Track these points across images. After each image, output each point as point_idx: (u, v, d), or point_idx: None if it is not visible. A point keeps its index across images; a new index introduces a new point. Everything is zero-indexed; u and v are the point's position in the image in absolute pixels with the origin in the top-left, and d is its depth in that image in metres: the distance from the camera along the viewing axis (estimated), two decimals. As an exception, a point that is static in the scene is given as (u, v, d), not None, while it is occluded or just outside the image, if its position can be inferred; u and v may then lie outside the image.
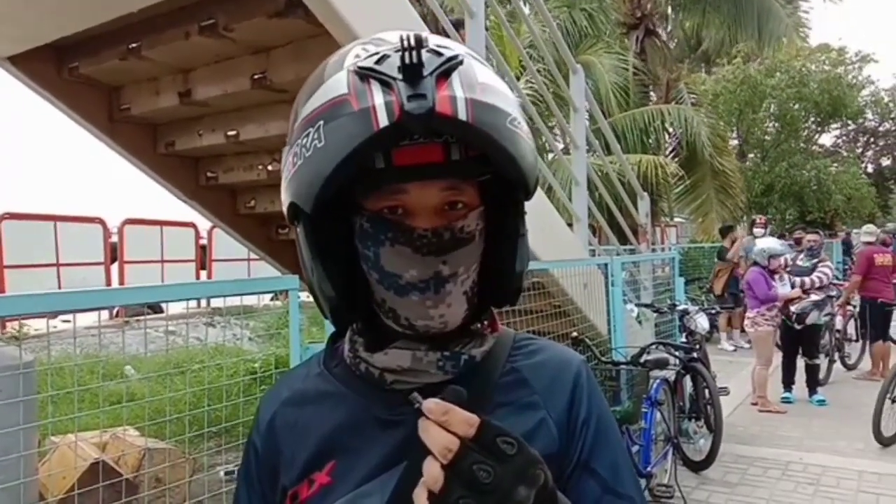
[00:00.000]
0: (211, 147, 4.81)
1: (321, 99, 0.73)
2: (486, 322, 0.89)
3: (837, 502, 4.81)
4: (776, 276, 7.11)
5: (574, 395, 0.87)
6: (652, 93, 17.55)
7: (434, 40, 0.75)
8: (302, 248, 0.81)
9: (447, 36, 2.35)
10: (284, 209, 0.80)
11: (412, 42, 0.68)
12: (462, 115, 0.69)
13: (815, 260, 8.10)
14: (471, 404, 0.62)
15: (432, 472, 0.59)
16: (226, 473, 2.18)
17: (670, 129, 16.48)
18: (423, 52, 0.70)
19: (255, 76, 3.91)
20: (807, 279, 7.63)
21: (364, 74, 0.71)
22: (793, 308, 7.35)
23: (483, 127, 0.71)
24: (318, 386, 0.89)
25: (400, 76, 0.69)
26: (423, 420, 0.61)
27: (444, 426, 0.60)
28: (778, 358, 7.60)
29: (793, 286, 7.40)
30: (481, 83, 0.73)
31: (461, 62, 0.73)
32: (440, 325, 0.79)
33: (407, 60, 0.68)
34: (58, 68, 4.39)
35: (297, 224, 0.81)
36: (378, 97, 0.69)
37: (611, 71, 14.50)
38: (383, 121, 0.68)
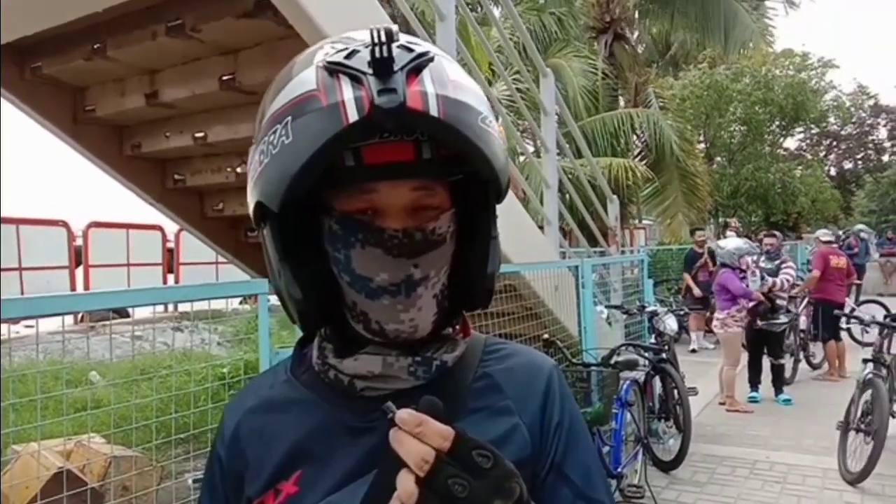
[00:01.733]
0: (178, 149, 4.75)
1: (289, 95, 0.71)
2: (457, 326, 0.88)
3: (803, 499, 4.89)
4: (747, 273, 7.21)
5: (546, 400, 0.86)
6: (621, 97, 17.74)
7: (404, 37, 0.74)
8: (269, 251, 0.80)
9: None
10: (251, 210, 0.78)
11: (382, 36, 0.67)
12: (433, 112, 0.68)
13: (777, 261, 8.26)
14: (444, 411, 0.61)
15: (406, 487, 0.58)
16: (194, 481, 2.14)
17: (639, 133, 16.66)
18: (394, 47, 0.69)
19: (224, 78, 3.87)
20: (777, 280, 7.77)
21: (333, 69, 0.69)
22: (760, 323, 7.46)
23: (455, 124, 0.70)
24: (285, 393, 0.87)
25: (370, 70, 0.68)
26: (395, 431, 0.60)
27: (418, 437, 0.59)
28: (745, 358, 7.71)
29: (762, 280, 7.51)
30: (452, 80, 0.72)
31: (432, 59, 0.72)
32: (410, 330, 0.78)
33: (377, 54, 0.67)
34: (20, 68, 4.29)
35: (263, 226, 0.79)
36: (347, 92, 0.68)
37: (580, 75, 14.65)
38: (353, 116, 0.66)
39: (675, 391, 5.56)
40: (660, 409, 5.67)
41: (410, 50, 0.71)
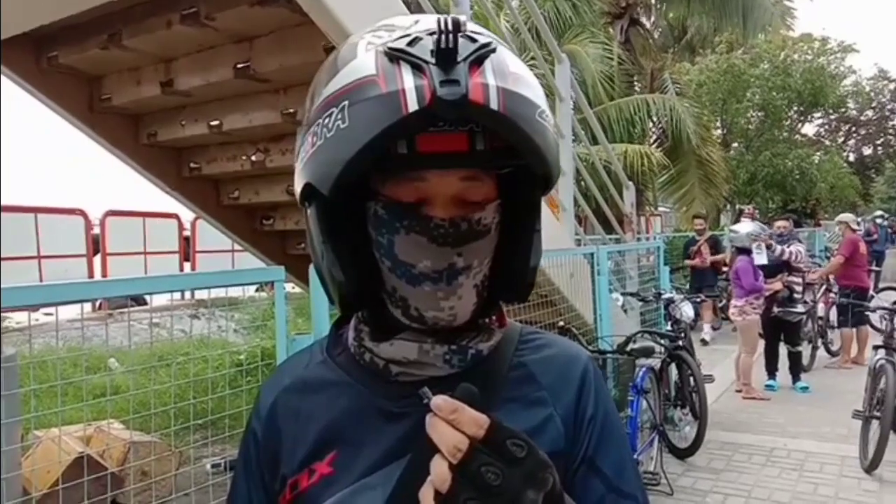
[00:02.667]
0: (194, 137, 4.77)
1: (347, 79, 0.70)
2: (493, 316, 0.87)
3: (821, 487, 4.87)
4: (755, 245, 7.17)
5: (581, 392, 0.86)
6: (636, 83, 17.60)
7: (470, 26, 0.72)
8: (312, 231, 0.79)
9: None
10: (297, 190, 0.78)
11: (449, 26, 0.66)
12: (493, 105, 0.67)
13: (792, 244, 8.20)
14: (480, 399, 0.61)
15: (440, 472, 0.58)
16: (212, 466, 2.16)
17: (655, 119, 16.54)
18: (459, 37, 0.67)
19: (239, 66, 3.88)
20: (791, 249, 7.74)
21: (394, 56, 0.68)
22: (776, 310, 7.41)
23: (513, 117, 0.69)
24: (321, 374, 0.87)
25: (433, 60, 0.67)
26: (431, 416, 0.60)
27: (452, 424, 0.59)
28: (761, 346, 7.67)
29: (770, 251, 7.47)
30: (513, 73, 0.71)
31: (494, 50, 0.71)
32: (449, 318, 0.77)
33: (443, 44, 0.66)
34: (36, 58, 4.32)
35: (307, 206, 0.79)
36: (409, 80, 0.66)
37: (596, 60, 14.51)
38: (413, 105, 0.65)
39: (692, 378, 5.54)
40: (676, 396, 5.66)
41: (474, 40, 0.70)
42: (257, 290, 13.30)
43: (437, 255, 0.75)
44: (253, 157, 4.76)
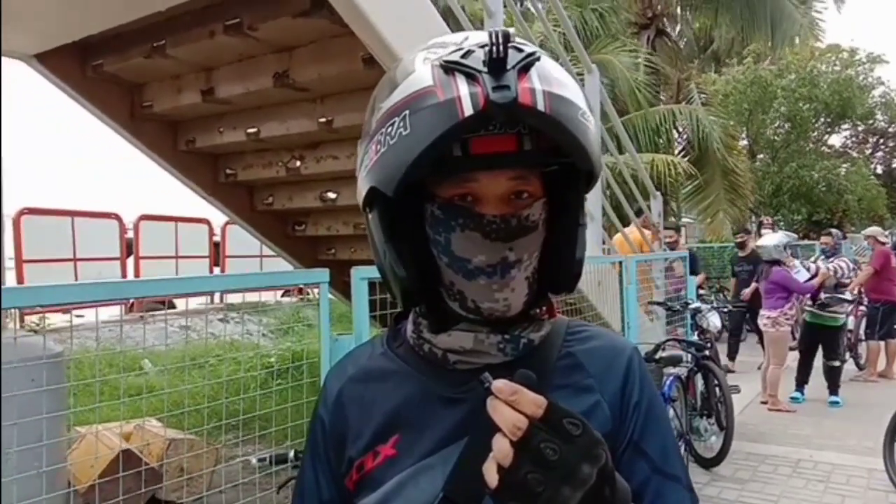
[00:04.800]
0: (231, 144, 4.89)
1: (406, 91, 0.77)
2: (543, 308, 0.94)
3: (847, 499, 4.85)
4: (793, 271, 7.15)
5: (627, 380, 0.92)
6: (662, 93, 17.56)
7: (517, 39, 0.80)
8: (374, 233, 0.87)
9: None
10: (361, 196, 0.85)
11: (500, 38, 0.74)
12: (541, 107, 0.74)
13: (835, 259, 8.11)
14: (536, 383, 0.66)
15: (502, 448, 0.63)
16: (258, 460, 2.24)
17: (681, 129, 16.48)
18: (509, 47, 0.75)
19: (278, 75, 3.98)
20: (832, 266, 7.68)
21: (449, 67, 0.76)
22: (822, 295, 7.35)
23: (559, 118, 0.76)
24: (383, 364, 0.95)
25: (485, 69, 0.74)
26: (492, 399, 0.64)
27: (512, 405, 0.63)
28: (789, 358, 7.62)
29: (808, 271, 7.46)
30: (556, 78, 0.78)
31: (538, 58, 0.78)
32: (503, 309, 0.84)
33: (494, 54, 0.74)
34: (82, 66, 4.46)
35: (368, 211, 0.86)
36: (464, 88, 0.74)
37: (630, 69, 14.50)
38: (468, 110, 0.72)
39: (718, 388, 5.55)
40: (702, 406, 5.66)
41: (520, 50, 0.77)
42: (283, 294, 13.48)
43: (490, 250, 0.82)
44: (288, 164, 4.87)
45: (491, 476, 0.64)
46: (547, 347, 0.91)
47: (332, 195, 5.04)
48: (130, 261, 11.93)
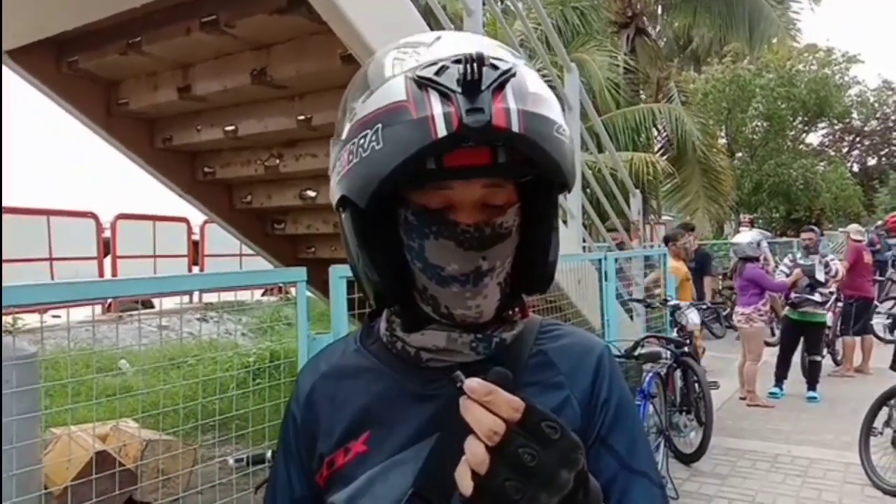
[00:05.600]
0: (209, 142, 4.84)
1: (379, 102, 0.76)
2: (516, 308, 0.94)
3: (824, 493, 4.91)
4: (767, 266, 7.23)
5: (596, 377, 0.92)
6: (642, 91, 17.66)
7: (491, 53, 0.78)
8: (347, 236, 0.86)
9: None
10: (334, 200, 0.84)
11: (473, 59, 0.72)
12: (515, 128, 0.73)
13: (816, 256, 8.15)
14: (511, 382, 0.65)
15: (477, 453, 0.61)
16: (235, 461, 2.21)
17: (660, 128, 16.59)
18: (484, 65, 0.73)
19: (255, 72, 3.94)
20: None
21: (422, 83, 0.74)
22: (792, 294, 7.43)
23: (534, 137, 0.75)
24: (355, 361, 0.95)
25: (459, 90, 0.73)
26: (465, 399, 0.62)
27: (487, 407, 0.61)
28: (765, 353, 7.70)
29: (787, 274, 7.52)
30: (532, 93, 0.77)
31: (514, 74, 0.76)
32: (476, 315, 0.84)
33: (468, 76, 0.72)
34: (57, 63, 4.39)
35: (342, 212, 0.85)
36: (437, 107, 0.72)
37: (603, 68, 14.58)
38: (441, 131, 0.71)
39: (697, 384, 5.59)
40: (681, 402, 5.69)
41: (496, 68, 0.76)
42: (263, 293, 13.40)
43: (463, 259, 0.81)
44: (266, 162, 4.83)
45: (465, 483, 0.62)
46: (519, 346, 0.91)
47: (311, 193, 5.00)
48: (108, 260, 11.80)
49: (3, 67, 4.31)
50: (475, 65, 0.72)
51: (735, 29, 16.71)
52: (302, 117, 4.21)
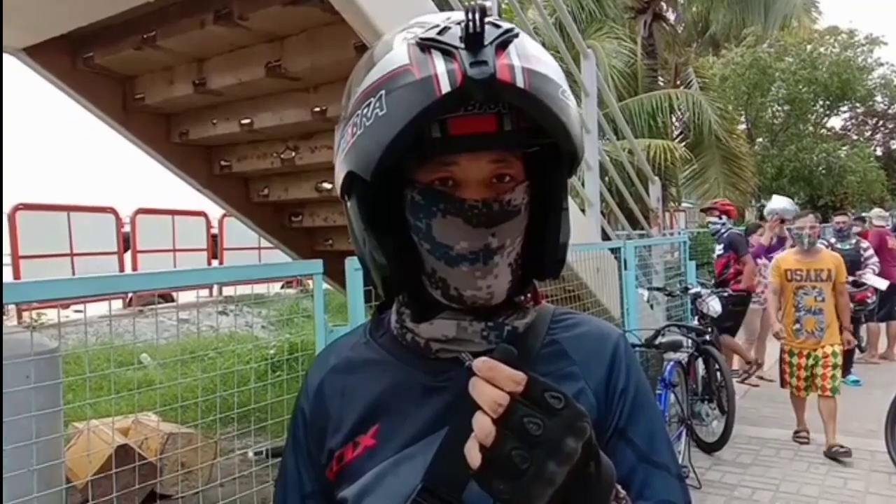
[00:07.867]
0: (225, 136, 4.85)
1: (381, 71, 0.75)
2: (528, 295, 0.91)
3: (850, 481, 4.84)
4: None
5: (612, 367, 0.90)
6: (661, 77, 17.48)
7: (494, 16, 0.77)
8: (353, 220, 0.84)
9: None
10: (338, 182, 0.82)
11: (476, 12, 0.70)
12: (520, 83, 0.71)
13: (854, 241, 8.04)
14: (515, 357, 0.64)
15: (483, 426, 0.61)
16: (255, 454, 2.22)
17: (678, 114, 16.42)
18: (485, 22, 0.72)
19: (270, 64, 3.94)
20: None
21: (425, 45, 0.73)
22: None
23: (539, 95, 0.73)
24: (365, 354, 0.93)
25: (462, 45, 0.71)
26: (473, 378, 0.63)
27: (491, 382, 0.62)
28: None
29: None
30: (534, 55, 0.75)
31: (517, 35, 0.75)
32: (487, 296, 0.81)
33: (471, 29, 0.70)
34: (73, 59, 4.42)
35: (347, 199, 0.83)
36: (440, 65, 0.71)
37: (611, 55, 14.40)
38: (445, 87, 0.70)
39: (719, 373, 5.53)
40: (703, 390, 5.64)
41: (498, 26, 0.74)
42: (282, 286, 13.47)
43: (472, 236, 0.79)
44: (283, 155, 4.84)
45: (473, 455, 0.62)
46: (531, 335, 0.89)
47: (327, 185, 5.00)
48: (128, 255, 11.91)
49: (22, 64, 4.35)
50: (477, 17, 0.70)
51: (751, 10, 16.48)
52: (317, 109, 4.20)
